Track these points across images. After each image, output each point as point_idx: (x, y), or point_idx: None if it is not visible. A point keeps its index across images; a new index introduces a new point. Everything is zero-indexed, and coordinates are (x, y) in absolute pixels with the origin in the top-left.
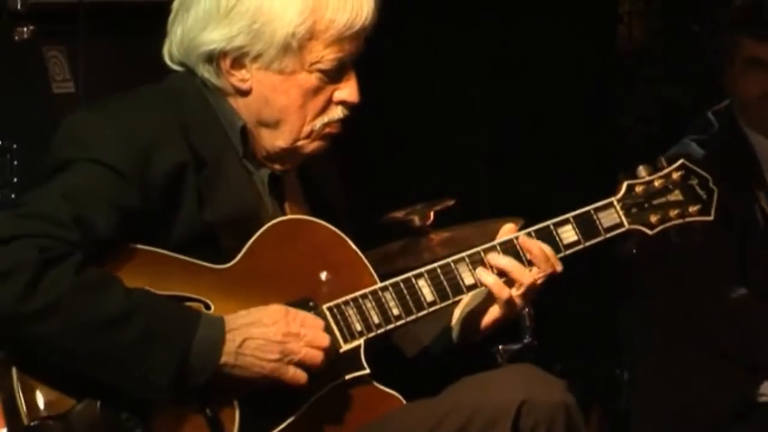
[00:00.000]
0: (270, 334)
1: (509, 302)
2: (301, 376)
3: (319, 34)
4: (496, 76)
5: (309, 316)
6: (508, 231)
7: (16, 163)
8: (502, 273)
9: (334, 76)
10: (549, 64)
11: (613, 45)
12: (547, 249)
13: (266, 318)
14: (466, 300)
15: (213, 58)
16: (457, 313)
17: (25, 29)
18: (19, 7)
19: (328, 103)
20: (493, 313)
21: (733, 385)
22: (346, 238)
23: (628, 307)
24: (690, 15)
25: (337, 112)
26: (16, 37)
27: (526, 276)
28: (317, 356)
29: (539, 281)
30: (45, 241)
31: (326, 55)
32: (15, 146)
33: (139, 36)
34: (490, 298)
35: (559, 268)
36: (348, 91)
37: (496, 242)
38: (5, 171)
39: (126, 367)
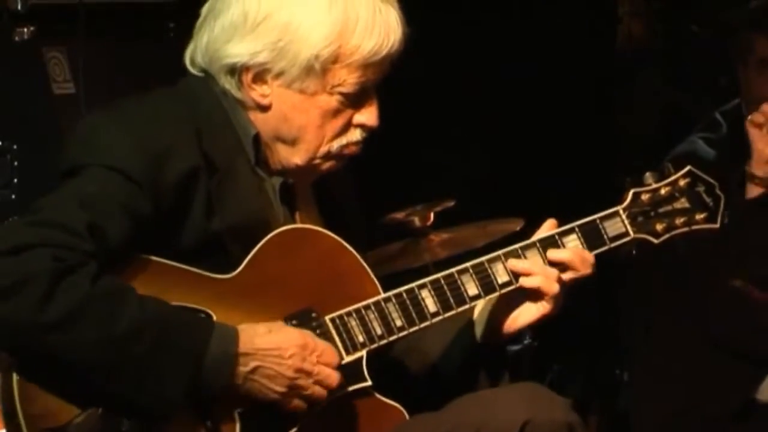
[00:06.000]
0: (283, 368)
1: (556, 297)
2: (302, 408)
3: (343, 59)
4: (496, 76)
5: (327, 350)
6: (548, 227)
7: (16, 163)
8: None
9: (355, 99)
10: (549, 64)
11: (613, 45)
12: (581, 251)
13: (284, 346)
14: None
15: (235, 71)
16: (480, 307)
17: (25, 30)
18: (19, 7)
19: (348, 125)
20: (533, 310)
21: (733, 385)
22: (351, 249)
23: (628, 308)
24: (690, 15)
25: (355, 135)
26: (16, 38)
27: (587, 265)
28: (323, 395)
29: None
30: (59, 250)
31: (349, 80)
32: (15, 147)
33: (139, 36)
34: (519, 297)
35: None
36: (368, 115)
37: (500, 252)
38: (5, 171)
39: (140, 378)
